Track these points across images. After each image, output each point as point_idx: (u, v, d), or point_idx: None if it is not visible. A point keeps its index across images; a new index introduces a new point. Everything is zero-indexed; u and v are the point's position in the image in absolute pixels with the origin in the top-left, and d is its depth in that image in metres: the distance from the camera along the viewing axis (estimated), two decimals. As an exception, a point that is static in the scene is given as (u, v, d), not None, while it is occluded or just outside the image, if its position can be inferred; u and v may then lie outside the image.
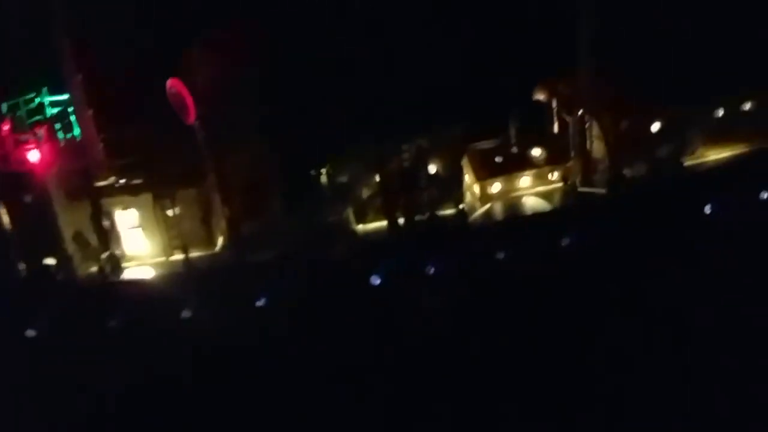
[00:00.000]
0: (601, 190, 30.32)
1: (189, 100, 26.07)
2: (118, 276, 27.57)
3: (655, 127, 30.73)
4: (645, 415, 25.95)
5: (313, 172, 30.71)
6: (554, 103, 32.84)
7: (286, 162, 29.98)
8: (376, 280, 26.72)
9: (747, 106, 30.89)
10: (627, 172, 30.77)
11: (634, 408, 26.11)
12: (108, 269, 27.37)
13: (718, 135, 31.00)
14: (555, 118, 32.84)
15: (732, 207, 29.18)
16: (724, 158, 30.58)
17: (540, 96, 33.25)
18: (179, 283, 27.04)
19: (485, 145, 32.33)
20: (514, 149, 31.46)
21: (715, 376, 26.31)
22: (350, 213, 30.07)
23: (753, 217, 29.02)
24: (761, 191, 29.18)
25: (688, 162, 31.03)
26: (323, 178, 30.66)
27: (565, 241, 28.07)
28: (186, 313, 26.31)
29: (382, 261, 27.28)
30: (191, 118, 26.30)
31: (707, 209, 29.31)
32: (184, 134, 27.52)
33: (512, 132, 31.57)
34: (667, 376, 26.67)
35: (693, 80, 29.43)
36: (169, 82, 26.17)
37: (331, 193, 30.40)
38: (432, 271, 27.81)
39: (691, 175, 30.41)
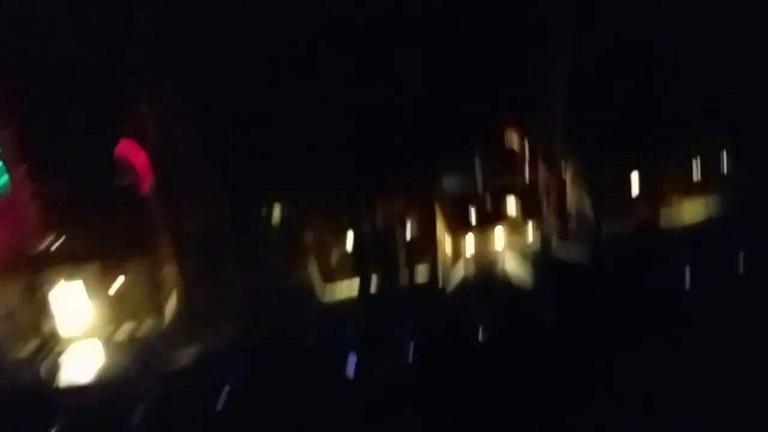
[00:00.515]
0: (579, 249, 28.81)
1: (143, 167, 23.06)
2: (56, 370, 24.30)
3: (634, 182, 29.45)
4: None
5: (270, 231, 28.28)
6: (525, 147, 31.24)
7: (244, 222, 27.41)
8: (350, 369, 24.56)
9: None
10: (605, 227, 29.45)
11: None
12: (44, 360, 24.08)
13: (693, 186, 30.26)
14: (525, 164, 31.28)
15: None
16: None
17: (510, 138, 31.62)
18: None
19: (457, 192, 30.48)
20: (489, 199, 29.68)
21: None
22: (316, 274, 27.68)
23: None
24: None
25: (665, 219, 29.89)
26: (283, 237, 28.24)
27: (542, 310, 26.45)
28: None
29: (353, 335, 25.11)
30: (146, 186, 23.30)
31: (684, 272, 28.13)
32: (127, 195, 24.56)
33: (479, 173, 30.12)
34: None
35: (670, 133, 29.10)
36: (120, 146, 23.04)
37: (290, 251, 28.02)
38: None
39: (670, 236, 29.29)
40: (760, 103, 29.08)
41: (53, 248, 25.12)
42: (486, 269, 28.81)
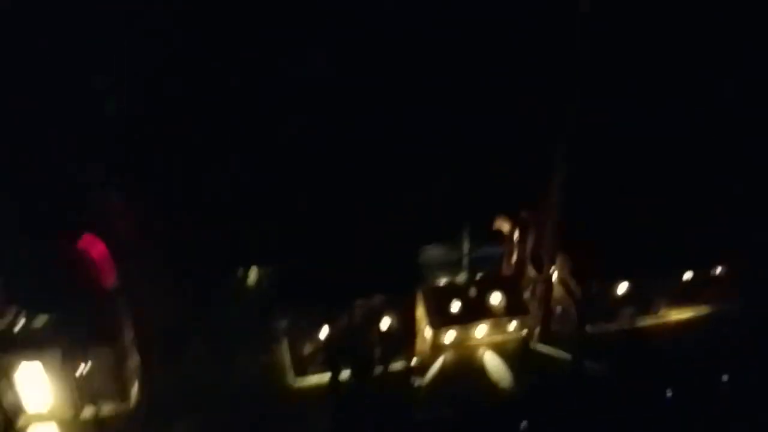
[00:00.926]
0: (562, 352, 28.19)
1: (104, 262, 21.98)
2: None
3: (621, 289, 28.67)
4: None
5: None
6: (515, 236, 30.32)
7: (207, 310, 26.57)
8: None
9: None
10: (589, 329, 28.82)
11: None
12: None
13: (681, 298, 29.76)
14: (513, 253, 30.40)
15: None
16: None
17: (501, 227, 30.67)
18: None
19: (441, 283, 29.67)
20: (472, 292, 28.79)
21: None
22: (288, 366, 26.90)
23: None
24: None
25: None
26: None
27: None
28: None
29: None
30: (109, 282, 22.24)
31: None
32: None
33: (465, 245, 30.17)
34: None
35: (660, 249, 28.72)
36: (83, 241, 21.91)
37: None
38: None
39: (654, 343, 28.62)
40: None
41: (15, 329, 23.91)
42: (464, 366, 27.98)
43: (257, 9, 26.28)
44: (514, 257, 30.93)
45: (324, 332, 26.29)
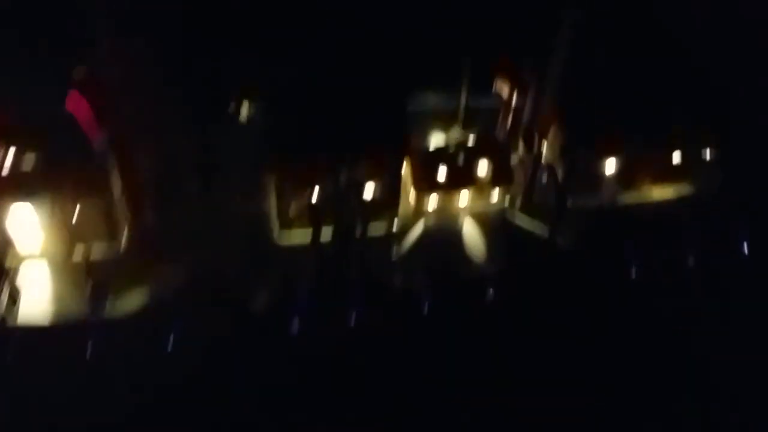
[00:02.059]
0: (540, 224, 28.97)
1: (89, 121, 21.92)
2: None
3: (608, 165, 28.85)
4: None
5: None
6: (513, 99, 29.91)
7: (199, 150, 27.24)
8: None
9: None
10: (570, 203, 29.38)
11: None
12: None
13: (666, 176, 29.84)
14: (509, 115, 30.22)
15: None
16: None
17: (501, 89, 30.12)
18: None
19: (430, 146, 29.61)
20: (460, 159, 28.94)
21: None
22: (274, 218, 27.67)
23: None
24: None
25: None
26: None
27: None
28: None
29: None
30: (95, 136, 22.30)
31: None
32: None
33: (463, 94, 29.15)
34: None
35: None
36: (68, 101, 21.64)
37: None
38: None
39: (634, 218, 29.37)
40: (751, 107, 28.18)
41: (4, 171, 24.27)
42: (444, 231, 28.78)
43: None
44: (509, 120, 30.59)
45: (309, 191, 26.50)
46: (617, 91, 28.58)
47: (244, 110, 30.60)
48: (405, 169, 28.64)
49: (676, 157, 29.18)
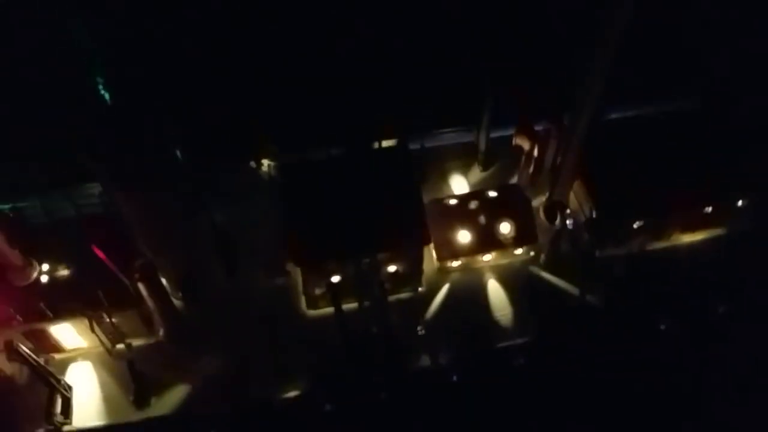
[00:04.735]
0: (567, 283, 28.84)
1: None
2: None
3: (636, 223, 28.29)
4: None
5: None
6: (534, 153, 29.24)
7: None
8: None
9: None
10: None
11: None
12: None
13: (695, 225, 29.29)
14: (530, 167, 29.80)
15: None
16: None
17: (522, 144, 29.39)
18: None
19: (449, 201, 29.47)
20: (482, 219, 28.72)
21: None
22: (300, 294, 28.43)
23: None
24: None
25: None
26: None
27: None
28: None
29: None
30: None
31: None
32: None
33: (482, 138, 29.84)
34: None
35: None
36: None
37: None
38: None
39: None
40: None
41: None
42: (470, 293, 28.99)
43: None
44: (530, 170, 29.91)
45: (333, 278, 26.96)
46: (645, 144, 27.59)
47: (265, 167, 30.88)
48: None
49: (707, 208, 27.89)
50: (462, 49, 30.05)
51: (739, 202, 27.96)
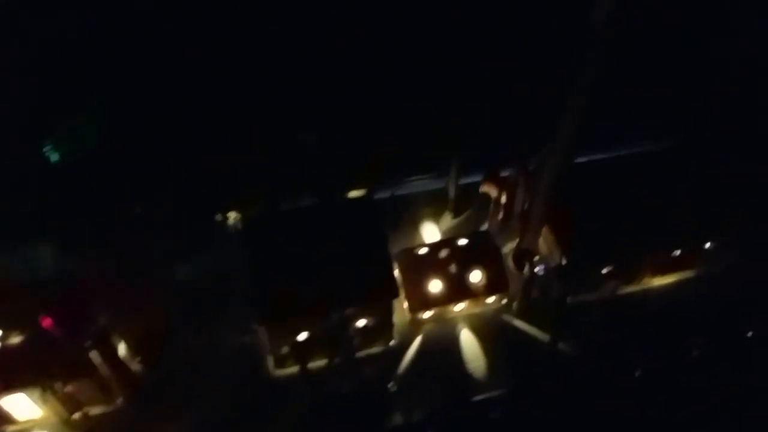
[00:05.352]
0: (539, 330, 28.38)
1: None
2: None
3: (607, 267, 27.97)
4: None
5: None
6: (502, 200, 28.85)
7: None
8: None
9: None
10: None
11: None
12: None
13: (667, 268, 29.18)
14: (498, 214, 29.46)
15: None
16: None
17: (489, 191, 29.03)
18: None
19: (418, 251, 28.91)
20: (453, 268, 28.14)
21: None
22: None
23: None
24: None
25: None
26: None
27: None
28: None
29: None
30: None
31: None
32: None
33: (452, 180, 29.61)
34: None
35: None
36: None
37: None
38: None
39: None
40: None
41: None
42: (442, 345, 28.31)
43: None
44: (500, 217, 29.55)
45: (300, 336, 26.10)
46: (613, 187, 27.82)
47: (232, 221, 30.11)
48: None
49: (677, 252, 27.76)
50: (431, 96, 29.58)
51: (707, 245, 27.60)
